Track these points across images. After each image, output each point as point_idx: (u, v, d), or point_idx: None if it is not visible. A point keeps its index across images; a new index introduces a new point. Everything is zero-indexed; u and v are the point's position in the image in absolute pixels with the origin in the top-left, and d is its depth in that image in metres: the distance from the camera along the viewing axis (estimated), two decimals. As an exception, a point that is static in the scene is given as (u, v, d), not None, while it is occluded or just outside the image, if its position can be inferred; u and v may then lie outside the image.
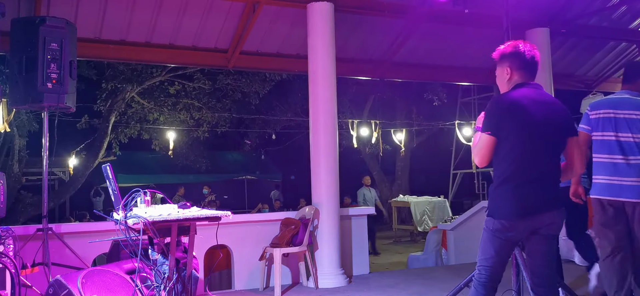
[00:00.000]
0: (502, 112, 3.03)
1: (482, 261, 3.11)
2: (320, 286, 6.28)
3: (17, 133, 12.21)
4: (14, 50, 5.37)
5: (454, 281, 5.31)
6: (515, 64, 3.17)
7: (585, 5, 8.19)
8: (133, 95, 13.69)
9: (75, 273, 3.96)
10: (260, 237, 6.43)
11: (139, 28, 6.97)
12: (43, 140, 5.55)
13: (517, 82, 3.16)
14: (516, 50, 3.18)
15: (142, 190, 3.57)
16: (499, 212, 3.03)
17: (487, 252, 3.09)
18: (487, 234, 3.09)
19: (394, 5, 7.31)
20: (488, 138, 3.02)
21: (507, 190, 3.01)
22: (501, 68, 3.24)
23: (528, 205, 3.00)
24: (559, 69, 9.23)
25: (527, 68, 3.17)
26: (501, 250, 3.07)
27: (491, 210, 3.07)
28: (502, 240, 3.05)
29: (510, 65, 3.19)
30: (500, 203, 3.04)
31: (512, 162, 3.01)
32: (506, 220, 3.00)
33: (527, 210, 3.00)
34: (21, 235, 4.83)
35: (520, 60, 3.16)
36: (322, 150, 6.50)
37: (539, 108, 3.05)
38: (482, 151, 3.04)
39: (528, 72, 3.18)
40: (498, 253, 3.07)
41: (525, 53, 3.16)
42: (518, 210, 3.00)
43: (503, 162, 3.03)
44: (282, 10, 7.17)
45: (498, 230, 3.03)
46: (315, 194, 6.54)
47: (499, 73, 3.26)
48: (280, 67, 8.88)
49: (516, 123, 3.00)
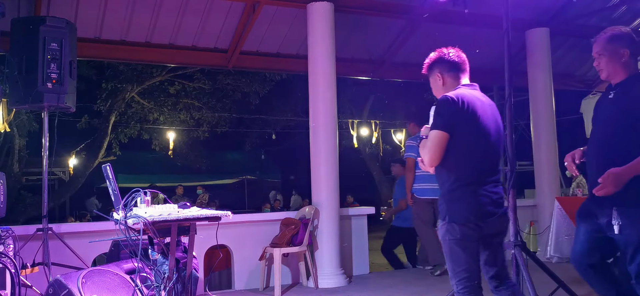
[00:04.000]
0: (457, 110, 2.95)
1: (460, 274, 2.98)
2: (320, 286, 6.28)
3: (17, 133, 12.21)
4: (14, 50, 5.37)
5: (454, 281, 5.32)
6: (444, 67, 3.20)
7: (585, 5, 8.18)
8: (133, 95, 13.69)
9: (75, 273, 3.96)
10: (260, 237, 6.43)
11: (139, 28, 6.97)
12: (43, 140, 5.55)
13: (453, 84, 3.17)
14: (441, 55, 3.23)
15: (142, 190, 3.57)
16: (463, 216, 2.95)
17: (461, 262, 2.97)
18: (455, 243, 2.97)
19: (394, 5, 7.31)
20: (442, 136, 2.93)
21: (470, 192, 2.96)
22: (433, 77, 3.26)
23: (489, 206, 2.97)
24: (559, 69, 9.23)
25: (457, 68, 3.19)
26: (474, 253, 2.99)
27: (454, 215, 2.97)
28: (473, 243, 2.97)
29: (440, 70, 3.21)
30: (464, 206, 2.96)
31: (474, 163, 2.97)
32: (473, 222, 2.94)
33: (488, 213, 2.97)
34: (21, 235, 4.82)
35: (448, 62, 3.19)
36: (322, 150, 6.49)
37: (487, 108, 3.07)
38: (434, 149, 2.95)
39: (460, 73, 3.19)
40: (472, 257, 2.98)
41: (450, 55, 3.20)
42: (482, 212, 2.95)
43: (462, 163, 2.97)
44: (282, 10, 7.17)
45: (467, 235, 2.95)
46: (315, 194, 6.53)
47: (432, 83, 3.27)
48: (280, 67, 8.87)
49: (473, 122, 2.97)
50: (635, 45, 3.15)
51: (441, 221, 3.07)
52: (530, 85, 8.11)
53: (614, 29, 3.21)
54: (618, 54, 3.14)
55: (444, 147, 2.95)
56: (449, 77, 3.19)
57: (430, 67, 3.27)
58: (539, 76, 8.02)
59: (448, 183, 3.01)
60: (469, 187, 2.96)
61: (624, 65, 3.14)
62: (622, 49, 3.14)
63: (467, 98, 2.98)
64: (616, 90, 3.19)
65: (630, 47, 3.14)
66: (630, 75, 3.14)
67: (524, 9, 7.27)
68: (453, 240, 2.97)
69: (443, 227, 3.03)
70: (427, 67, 3.28)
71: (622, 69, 3.15)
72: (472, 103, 2.98)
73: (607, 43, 3.18)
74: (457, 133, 2.95)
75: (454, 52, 3.21)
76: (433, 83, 3.27)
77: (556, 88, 8.29)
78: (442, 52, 3.23)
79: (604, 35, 3.21)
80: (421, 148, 3.11)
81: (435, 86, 3.26)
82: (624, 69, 3.15)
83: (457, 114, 2.95)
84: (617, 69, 3.16)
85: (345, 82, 14.65)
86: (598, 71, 3.26)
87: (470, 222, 2.95)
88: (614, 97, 3.19)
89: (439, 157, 2.97)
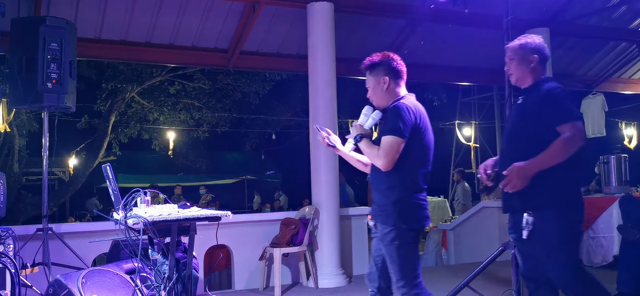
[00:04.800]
0: (415, 119, 3.09)
1: (415, 278, 3.08)
2: (320, 286, 6.28)
3: (17, 133, 12.20)
4: (14, 50, 5.37)
5: (453, 281, 5.32)
6: (392, 73, 3.24)
7: (585, 5, 8.19)
8: (133, 95, 13.69)
9: (75, 273, 3.96)
10: (260, 237, 6.43)
11: (139, 28, 6.97)
12: (43, 140, 5.55)
13: (394, 91, 3.24)
14: (390, 61, 3.25)
15: (142, 190, 3.57)
16: (416, 219, 3.09)
17: (415, 265, 3.10)
18: (407, 248, 3.08)
19: (394, 5, 7.31)
20: (401, 142, 3.04)
21: (421, 198, 3.11)
22: (377, 78, 3.26)
23: (427, 211, 3.15)
24: (559, 69, 9.22)
25: (401, 77, 3.28)
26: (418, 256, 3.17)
27: (407, 219, 3.07)
28: (418, 246, 3.15)
29: (386, 74, 3.24)
30: (416, 211, 3.09)
31: (423, 171, 3.13)
32: (421, 227, 3.12)
33: (427, 217, 3.15)
34: (21, 235, 4.83)
35: (396, 69, 3.25)
36: (322, 150, 6.49)
37: (428, 119, 3.22)
38: (392, 155, 3.04)
39: (402, 81, 3.28)
40: (418, 259, 3.15)
41: (398, 62, 3.26)
42: (424, 217, 3.13)
43: (414, 171, 3.10)
44: (282, 10, 7.17)
45: (416, 239, 3.11)
46: (315, 194, 6.54)
47: (373, 83, 3.28)
48: (280, 67, 8.88)
49: (425, 132, 3.13)
50: (543, 52, 3.28)
51: (384, 225, 3.12)
52: (530, 85, 8.10)
53: (526, 36, 3.33)
54: (527, 59, 3.26)
55: (399, 152, 3.05)
56: (393, 83, 3.24)
57: (377, 67, 3.27)
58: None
59: (398, 189, 3.09)
60: (418, 194, 3.11)
61: (532, 71, 3.26)
62: (531, 56, 3.25)
63: (419, 110, 3.15)
64: (524, 95, 3.32)
65: (539, 54, 3.26)
66: (536, 80, 3.26)
67: (524, 9, 7.27)
68: (404, 244, 3.07)
69: (391, 232, 3.08)
70: (372, 64, 3.28)
71: (531, 74, 3.26)
72: (423, 115, 3.17)
73: (518, 49, 3.31)
74: (412, 141, 3.07)
75: (399, 59, 3.28)
76: (375, 84, 3.27)
77: (556, 89, 8.28)
78: (391, 58, 3.26)
79: (516, 42, 3.34)
80: (367, 148, 3.17)
81: (377, 88, 3.27)
82: (532, 74, 3.26)
83: (414, 123, 3.08)
84: (526, 74, 3.28)
85: (345, 82, 14.64)
86: (508, 75, 3.39)
87: (418, 226, 3.10)
88: (522, 101, 3.32)
89: (394, 161, 3.05)
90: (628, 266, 4.96)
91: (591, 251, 6.96)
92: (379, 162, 3.09)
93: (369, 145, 3.18)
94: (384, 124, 3.16)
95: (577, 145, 2.97)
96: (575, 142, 2.95)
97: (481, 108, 19.53)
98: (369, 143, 3.19)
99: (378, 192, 3.20)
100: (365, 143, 3.20)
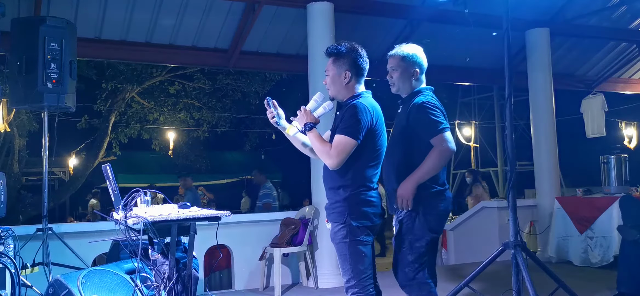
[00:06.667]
0: (371, 121, 3.08)
1: (363, 276, 3.07)
2: (320, 286, 6.28)
3: (17, 133, 12.19)
4: (14, 50, 5.38)
5: (453, 281, 5.32)
6: (356, 69, 3.22)
7: (585, 5, 8.19)
8: (133, 95, 13.68)
9: (75, 273, 3.97)
10: (260, 237, 6.43)
11: (139, 28, 6.97)
12: (43, 140, 5.55)
13: (354, 87, 3.22)
14: (357, 57, 3.22)
15: (142, 190, 3.57)
16: (366, 216, 3.06)
17: (364, 263, 3.07)
18: (355, 246, 3.06)
19: (394, 6, 7.31)
20: (353, 144, 3.01)
21: (371, 195, 3.10)
22: (340, 70, 3.21)
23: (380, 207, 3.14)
24: (559, 69, 9.23)
25: (363, 75, 3.27)
26: (370, 254, 3.14)
27: (357, 215, 3.05)
28: (371, 243, 3.13)
29: (350, 69, 3.20)
30: (366, 207, 3.07)
31: (375, 170, 3.13)
32: (374, 224, 3.10)
33: (381, 213, 3.15)
34: (21, 235, 4.82)
35: (360, 67, 3.24)
36: (322, 150, 6.49)
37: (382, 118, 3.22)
38: (343, 156, 3.01)
39: (363, 79, 3.28)
40: (370, 258, 3.12)
41: (364, 60, 3.25)
42: (377, 212, 3.11)
43: (365, 169, 3.08)
44: (282, 10, 7.17)
45: (367, 237, 3.08)
46: (315, 194, 6.53)
47: (334, 72, 3.22)
48: (280, 67, 8.88)
49: (380, 132, 3.14)
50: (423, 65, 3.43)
51: (335, 223, 3.11)
52: (530, 85, 8.11)
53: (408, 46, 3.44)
54: (408, 71, 3.39)
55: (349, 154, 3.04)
56: (354, 79, 3.22)
57: (341, 58, 3.21)
58: (539, 76, 8.01)
59: (350, 187, 3.07)
60: (368, 191, 3.10)
61: (411, 82, 3.40)
62: (413, 68, 3.39)
63: (377, 111, 3.15)
64: (402, 105, 3.45)
65: (419, 66, 3.41)
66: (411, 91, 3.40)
67: (524, 9, 7.28)
68: (355, 241, 3.06)
69: (342, 229, 3.07)
70: (338, 53, 3.22)
71: (410, 85, 3.40)
72: (379, 116, 3.16)
73: (400, 60, 3.41)
74: (366, 142, 3.06)
75: (365, 56, 3.26)
76: (335, 75, 3.21)
77: (556, 88, 8.29)
78: (358, 54, 3.22)
79: (398, 52, 3.43)
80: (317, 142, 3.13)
81: (336, 79, 3.21)
82: (411, 86, 3.40)
83: (370, 125, 3.07)
84: (406, 84, 3.41)
85: (345, 82, 14.64)
86: (390, 85, 3.47)
87: (369, 223, 3.08)
88: (401, 110, 3.45)
89: (343, 162, 3.04)
90: (628, 267, 4.96)
91: (591, 252, 6.96)
92: (328, 161, 3.07)
93: (319, 140, 3.13)
94: (341, 121, 3.10)
95: (449, 154, 3.20)
96: (446, 153, 3.19)
97: (481, 108, 19.54)
98: (319, 136, 3.15)
99: (329, 190, 3.19)
100: (314, 135, 3.14)
